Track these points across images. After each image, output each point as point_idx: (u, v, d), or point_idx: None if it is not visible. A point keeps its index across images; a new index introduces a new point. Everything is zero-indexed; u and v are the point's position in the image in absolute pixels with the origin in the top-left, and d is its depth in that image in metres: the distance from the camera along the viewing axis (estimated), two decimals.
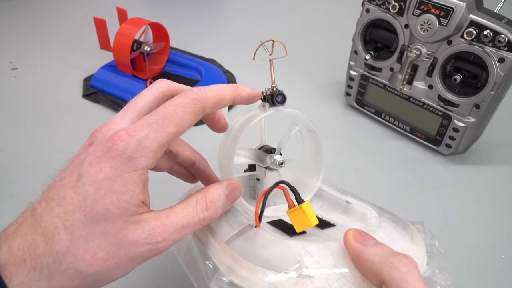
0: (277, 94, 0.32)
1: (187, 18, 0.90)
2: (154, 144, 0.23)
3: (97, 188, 0.22)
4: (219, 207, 0.27)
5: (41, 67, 0.71)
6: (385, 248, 0.24)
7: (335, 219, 0.34)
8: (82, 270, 0.22)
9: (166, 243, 0.24)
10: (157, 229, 0.23)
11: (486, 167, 0.54)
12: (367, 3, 0.54)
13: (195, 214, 0.25)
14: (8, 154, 0.53)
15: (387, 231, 0.29)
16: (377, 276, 0.22)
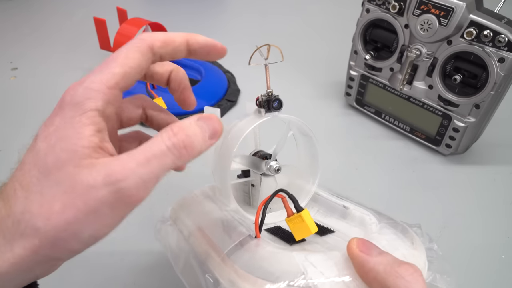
0: (273, 100, 0.31)
1: (187, 18, 0.90)
2: (101, 86, 0.22)
3: (47, 141, 0.21)
4: (192, 135, 0.22)
5: (41, 67, 0.71)
6: (390, 257, 0.23)
7: (333, 224, 0.33)
8: (39, 226, 0.19)
9: (129, 181, 0.20)
10: (116, 167, 0.20)
11: (486, 167, 0.54)
12: (367, 3, 0.54)
13: (161, 141, 0.21)
14: (8, 154, 0.53)
15: (388, 238, 0.29)
16: (383, 286, 0.22)
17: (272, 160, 0.33)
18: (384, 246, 0.26)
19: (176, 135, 0.22)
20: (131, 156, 0.21)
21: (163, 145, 0.21)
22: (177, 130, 0.22)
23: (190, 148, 0.22)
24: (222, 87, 0.65)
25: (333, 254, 0.26)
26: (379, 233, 0.29)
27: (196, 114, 0.25)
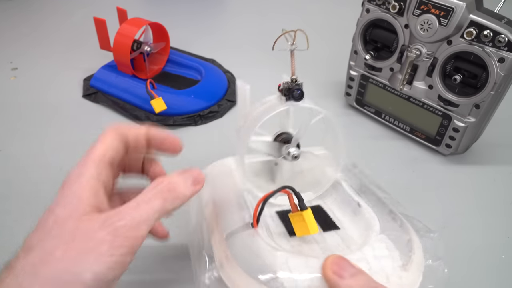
0: (295, 89, 0.31)
1: (187, 18, 0.90)
2: (90, 162, 0.27)
3: (49, 213, 0.25)
4: (174, 182, 0.26)
5: (41, 67, 0.71)
6: (362, 279, 0.23)
7: (343, 218, 0.34)
8: (39, 271, 0.21)
9: (124, 221, 0.22)
10: (111, 213, 0.23)
11: (486, 167, 0.54)
12: (367, 3, 0.54)
13: (149, 189, 0.25)
14: (8, 154, 0.53)
15: (378, 254, 0.28)
16: None
17: (292, 146, 0.33)
18: (369, 263, 0.26)
19: (161, 182, 0.26)
20: (125, 205, 0.24)
21: (151, 192, 0.25)
22: (162, 179, 0.26)
23: (174, 191, 0.25)
24: (222, 87, 0.65)
25: (314, 263, 0.26)
26: (372, 247, 0.29)
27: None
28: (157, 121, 0.58)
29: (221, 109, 0.62)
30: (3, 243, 0.42)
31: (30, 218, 0.46)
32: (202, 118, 0.60)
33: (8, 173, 0.50)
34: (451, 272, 0.42)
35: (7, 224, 0.44)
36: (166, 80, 0.66)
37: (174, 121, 0.58)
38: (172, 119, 0.58)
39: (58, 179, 0.49)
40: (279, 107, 0.31)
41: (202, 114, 0.60)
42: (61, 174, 0.52)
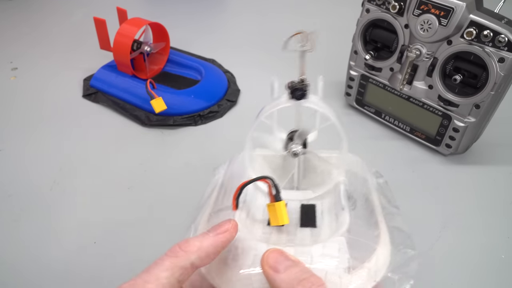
0: (295, 89, 0.31)
1: (187, 18, 0.90)
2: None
3: None
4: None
5: (41, 67, 0.71)
6: (295, 271, 0.24)
7: (327, 219, 0.34)
8: None
9: (133, 281, 0.23)
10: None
11: (486, 167, 0.54)
12: (367, 3, 0.54)
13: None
14: (8, 154, 0.53)
15: (326, 252, 0.29)
16: None
17: (294, 143, 0.34)
18: (313, 259, 0.28)
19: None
20: None
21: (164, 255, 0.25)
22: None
23: (185, 244, 0.26)
24: (222, 87, 0.65)
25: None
26: (324, 245, 0.29)
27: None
28: (157, 121, 0.58)
29: (221, 109, 0.62)
30: (3, 243, 0.42)
31: (30, 218, 0.47)
32: (202, 118, 0.60)
33: (8, 173, 0.50)
34: (451, 272, 0.42)
35: (7, 224, 0.44)
36: (166, 80, 0.66)
37: (174, 121, 0.58)
38: (172, 119, 0.58)
39: (58, 179, 0.50)
40: (281, 105, 0.33)
41: (202, 114, 0.60)
42: (61, 174, 0.53)
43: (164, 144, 0.56)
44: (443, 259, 0.43)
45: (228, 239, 0.27)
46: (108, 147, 0.55)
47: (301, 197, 0.36)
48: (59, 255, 0.41)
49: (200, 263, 0.26)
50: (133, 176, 0.51)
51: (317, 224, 0.34)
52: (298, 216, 0.35)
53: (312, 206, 0.36)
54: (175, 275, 0.24)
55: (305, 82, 0.31)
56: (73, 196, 0.47)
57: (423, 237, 0.45)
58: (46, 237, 0.43)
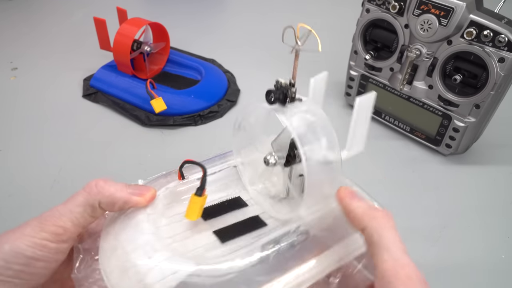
0: (268, 91, 0.29)
1: (187, 18, 0.90)
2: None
3: None
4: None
5: (41, 67, 0.71)
6: (368, 203, 0.28)
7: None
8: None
9: (50, 212, 0.27)
10: None
11: (486, 167, 0.54)
12: (367, 3, 0.54)
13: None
14: (8, 154, 0.53)
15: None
16: (361, 224, 0.27)
17: (270, 154, 0.31)
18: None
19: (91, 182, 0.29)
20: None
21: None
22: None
23: (100, 188, 0.28)
24: (222, 87, 0.65)
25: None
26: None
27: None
28: (157, 121, 0.58)
29: (221, 109, 0.62)
30: None
31: (30, 217, 0.46)
32: (202, 118, 0.60)
33: (8, 173, 0.50)
34: (451, 272, 0.42)
35: (7, 224, 0.44)
36: (166, 80, 0.66)
37: (174, 121, 0.58)
38: (172, 119, 0.58)
39: (58, 179, 0.50)
40: (254, 106, 0.31)
41: (202, 114, 0.60)
42: (61, 174, 0.53)
43: (164, 144, 0.56)
44: (443, 259, 0.43)
45: (139, 203, 0.29)
46: (108, 147, 0.55)
47: (264, 208, 0.33)
48: None
49: (106, 207, 0.28)
50: (132, 176, 0.50)
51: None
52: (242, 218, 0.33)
53: (257, 217, 0.33)
54: (87, 211, 0.27)
55: (284, 85, 0.28)
56: None
57: (423, 237, 0.45)
58: None
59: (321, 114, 0.30)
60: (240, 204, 0.34)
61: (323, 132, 0.29)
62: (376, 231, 0.25)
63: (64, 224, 0.27)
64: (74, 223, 0.27)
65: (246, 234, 0.31)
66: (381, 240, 0.25)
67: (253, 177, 0.36)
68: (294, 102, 0.29)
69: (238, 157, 0.36)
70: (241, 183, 0.36)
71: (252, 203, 0.34)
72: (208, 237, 0.31)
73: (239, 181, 0.36)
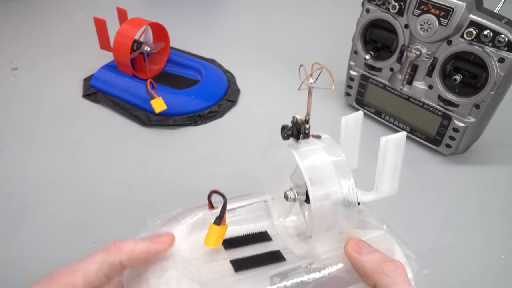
0: (283, 127, 0.29)
1: (187, 18, 0.90)
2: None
3: None
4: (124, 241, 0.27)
5: (41, 67, 0.71)
6: (377, 256, 0.27)
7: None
8: None
9: (61, 269, 0.25)
10: None
11: (486, 167, 0.54)
12: (367, 3, 0.54)
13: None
14: (8, 154, 0.53)
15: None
16: (370, 280, 0.26)
17: (290, 189, 0.32)
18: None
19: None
20: None
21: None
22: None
23: (119, 244, 0.27)
24: (222, 87, 0.65)
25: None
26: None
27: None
28: (157, 121, 0.58)
29: (221, 109, 0.62)
30: (3, 243, 0.42)
31: (30, 218, 0.47)
32: (202, 118, 0.60)
33: (8, 173, 0.50)
34: (451, 272, 0.42)
35: (7, 224, 0.44)
36: (166, 80, 0.66)
37: (174, 121, 0.58)
38: (172, 119, 0.58)
39: (58, 179, 0.50)
40: (278, 143, 0.31)
41: (202, 114, 0.60)
42: (61, 174, 0.53)
43: (164, 144, 0.56)
44: (443, 259, 0.43)
45: (161, 250, 0.28)
46: (108, 147, 0.55)
47: (287, 244, 0.33)
48: (59, 255, 0.41)
49: (129, 263, 0.27)
50: (133, 176, 0.51)
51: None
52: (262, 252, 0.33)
53: (278, 252, 0.33)
54: (103, 269, 0.26)
55: (300, 122, 0.28)
56: (73, 196, 0.47)
57: (423, 237, 0.45)
58: (46, 237, 0.43)
59: (338, 153, 0.29)
60: (265, 238, 0.34)
61: (338, 172, 0.28)
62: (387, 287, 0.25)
63: (75, 281, 0.25)
64: (86, 281, 0.25)
65: (262, 267, 0.31)
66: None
67: (282, 213, 0.35)
68: (309, 139, 0.29)
69: (268, 192, 0.36)
70: (270, 219, 0.35)
71: (278, 238, 0.34)
72: (223, 265, 0.31)
73: (269, 216, 0.35)
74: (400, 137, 0.30)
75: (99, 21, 0.62)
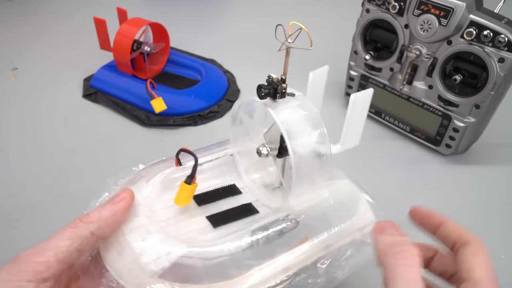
0: (259, 86, 0.30)
1: (187, 18, 0.90)
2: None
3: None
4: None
5: (41, 67, 0.71)
6: (395, 239, 0.26)
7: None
8: None
9: (29, 250, 0.25)
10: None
11: (486, 167, 0.54)
12: (367, 3, 0.54)
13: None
14: (8, 154, 0.53)
15: None
16: (379, 259, 0.25)
17: (263, 145, 0.33)
18: None
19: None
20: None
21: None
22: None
23: (86, 217, 0.27)
24: (222, 87, 0.65)
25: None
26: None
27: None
28: (157, 121, 0.58)
29: (221, 109, 0.62)
30: (3, 243, 0.42)
31: (30, 218, 0.47)
32: (202, 118, 0.60)
33: (8, 173, 0.50)
34: None
35: (7, 224, 0.44)
36: (166, 80, 0.66)
37: (174, 121, 0.58)
38: (172, 119, 0.58)
39: (58, 179, 0.50)
40: (253, 98, 0.32)
41: (202, 114, 0.60)
42: (61, 174, 0.53)
43: (164, 144, 0.56)
44: None
45: (126, 207, 0.29)
46: (108, 147, 0.55)
47: (257, 196, 0.35)
48: None
49: (100, 232, 0.27)
50: None
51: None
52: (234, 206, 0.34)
53: (250, 205, 0.35)
54: (75, 244, 0.26)
55: (276, 81, 0.29)
56: (73, 196, 0.47)
57: (423, 237, 0.45)
58: (46, 237, 0.43)
59: (311, 108, 0.31)
60: (235, 191, 0.35)
61: (313, 126, 0.30)
62: (390, 269, 0.24)
63: (48, 259, 0.24)
64: (59, 258, 0.25)
65: (238, 221, 0.32)
66: (395, 279, 0.23)
67: (249, 166, 0.37)
68: (285, 97, 0.30)
69: (235, 146, 0.37)
70: (237, 171, 0.37)
71: (247, 191, 0.36)
72: (201, 222, 0.32)
73: (235, 169, 0.37)
74: (367, 94, 0.32)
75: (99, 21, 0.62)
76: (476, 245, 0.25)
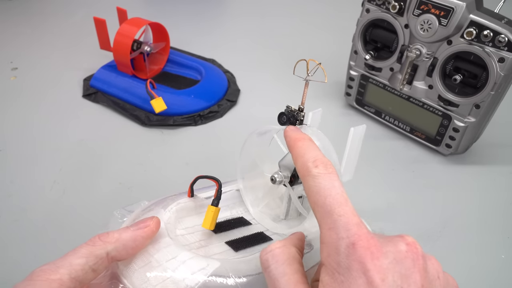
0: (281, 113, 0.32)
1: (187, 18, 0.90)
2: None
3: None
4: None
5: (41, 67, 0.71)
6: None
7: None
8: None
9: (43, 267, 0.24)
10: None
11: (486, 167, 0.54)
12: (367, 3, 0.54)
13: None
14: (8, 154, 0.53)
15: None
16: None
17: (276, 172, 0.34)
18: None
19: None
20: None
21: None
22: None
23: (104, 236, 0.26)
24: (222, 87, 0.65)
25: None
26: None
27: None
28: (157, 121, 0.58)
29: (221, 109, 0.62)
30: (3, 242, 0.42)
31: (30, 218, 0.46)
32: (202, 118, 0.60)
33: (8, 173, 0.50)
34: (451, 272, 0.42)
35: (7, 224, 0.44)
36: (166, 80, 0.66)
37: (174, 121, 0.58)
38: (172, 119, 0.58)
39: (58, 179, 0.50)
40: (268, 127, 0.34)
41: (202, 114, 0.60)
42: (61, 174, 0.53)
43: (164, 144, 0.56)
44: (443, 259, 0.43)
45: (148, 235, 0.28)
46: (108, 147, 0.55)
47: (267, 226, 0.37)
48: (59, 255, 0.41)
49: (116, 254, 0.26)
50: (133, 176, 0.51)
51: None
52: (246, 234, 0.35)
53: (262, 233, 0.36)
54: (90, 263, 0.25)
55: (294, 110, 0.32)
56: (73, 196, 0.47)
57: (423, 237, 0.45)
58: (46, 238, 0.43)
59: (324, 138, 0.33)
60: (244, 223, 0.37)
61: (327, 153, 0.31)
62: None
63: (61, 277, 0.24)
64: (72, 276, 0.24)
65: (256, 245, 0.34)
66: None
67: (254, 200, 0.39)
68: (302, 125, 0.33)
69: (241, 181, 0.39)
70: (243, 205, 0.38)
71: (255, 223, 0.37)
72: (221, 247, 0.33)
73: (241, 203, 0.38)
74: (363, 129, 0.34)
75: (99, 21, 0.62)
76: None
